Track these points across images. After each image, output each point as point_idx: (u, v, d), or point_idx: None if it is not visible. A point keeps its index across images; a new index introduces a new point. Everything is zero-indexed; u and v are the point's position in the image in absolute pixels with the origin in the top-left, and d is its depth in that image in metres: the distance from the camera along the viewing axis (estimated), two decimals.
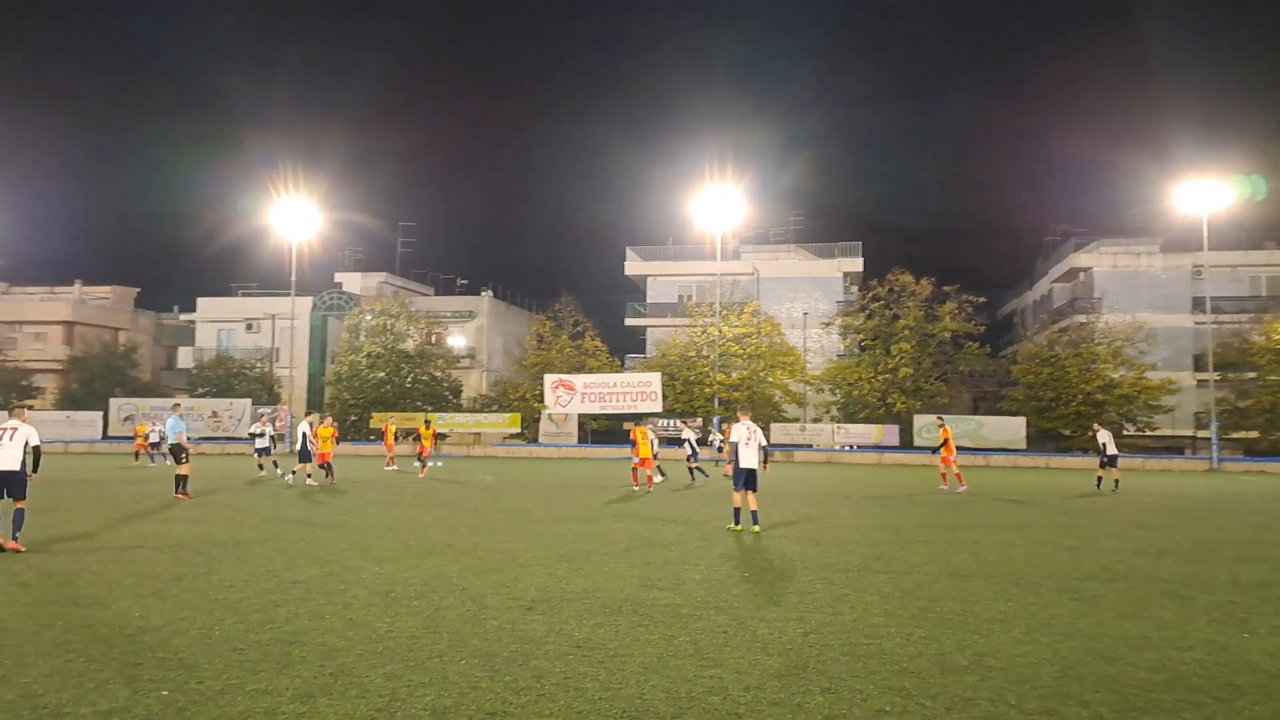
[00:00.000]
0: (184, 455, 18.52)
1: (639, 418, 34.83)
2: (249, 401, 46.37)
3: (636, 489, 22.01)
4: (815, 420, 47.88)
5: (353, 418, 47.67)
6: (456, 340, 57.09)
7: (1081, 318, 49.08)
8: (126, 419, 46.41)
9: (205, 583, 9.20)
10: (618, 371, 47.89)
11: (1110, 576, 10.22)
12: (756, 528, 13.55)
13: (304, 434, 22.05)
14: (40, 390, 54.53)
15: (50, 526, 13.71)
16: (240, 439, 44.38)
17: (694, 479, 24.56)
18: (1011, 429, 43.32)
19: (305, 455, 21.94)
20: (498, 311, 59.93)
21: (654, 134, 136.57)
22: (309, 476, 22.05)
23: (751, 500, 13.61)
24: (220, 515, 15.63)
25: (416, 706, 5.48)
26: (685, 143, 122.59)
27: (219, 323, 58.60)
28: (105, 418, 47.08)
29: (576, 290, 68.76)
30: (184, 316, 62.79)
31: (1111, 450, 24.05)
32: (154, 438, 33.31)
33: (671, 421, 42.71)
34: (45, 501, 17.60)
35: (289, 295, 49.69)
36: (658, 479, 23.99)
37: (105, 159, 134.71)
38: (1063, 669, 6.38)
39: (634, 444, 22.43)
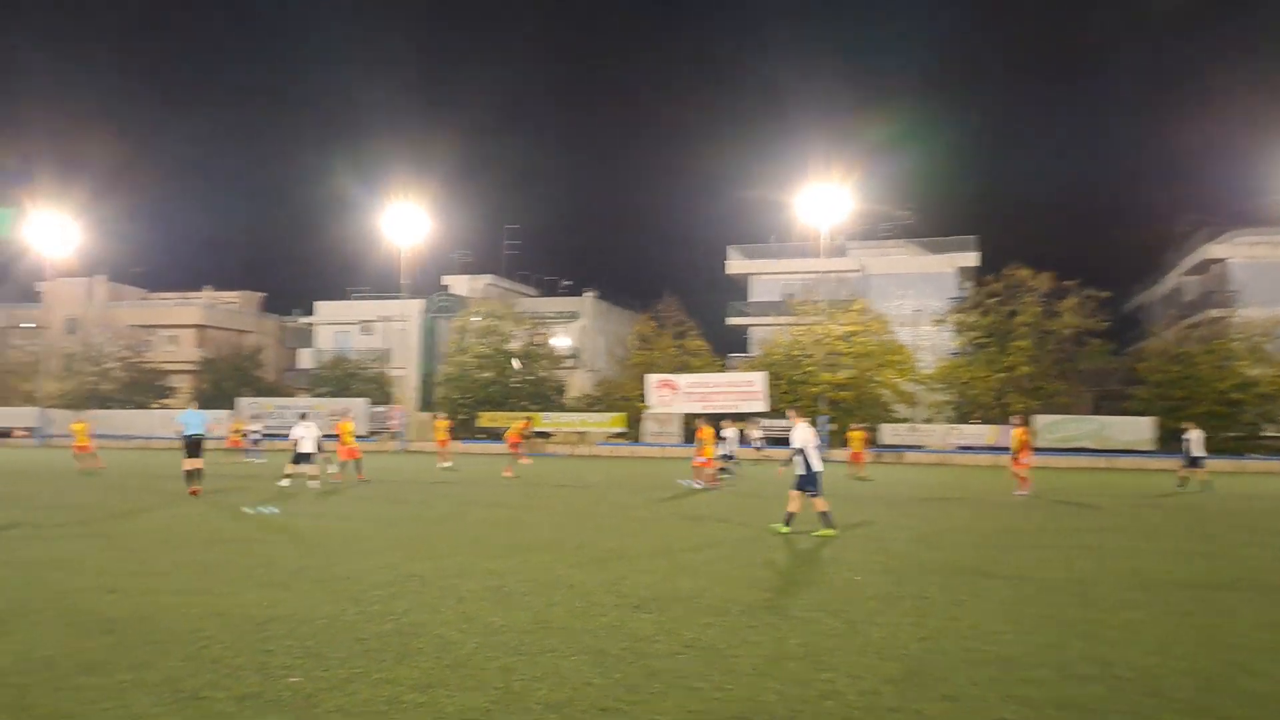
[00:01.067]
0: (199, 449, 18.32)
1: (743, 418, 34.73)
2: (365, 401, 47.84)
3: (712, 487, 21.83)
4: (927, 421, 46.73)
5: (461, 416, 48.75)
6: (560, 341, 57.80)
7: (1215, 312, 46.62)
8: (254, 418, 48.46)
9: (327, 574, 9.53)
10: (721, 371, 47.69)
11: (1250, 585, 9.67)
12: (833, 530, 13.05)
13: (300, 437, 21.06)
14: (175, 390, 57.44)
15: (184, 519, 14.43)
16: (358, 436, 45.77)
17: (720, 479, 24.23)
18: (1138, 430, 41.45)
19: (304, 457, 20.78)
20: (600, 312, 60.44)
21: (757, 130, 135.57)
22: (312, 479, 21.01)
23: (820, 502, 13.26)
24: (337, 510, 16.17)
25: (531, 700, 5.55)
26: (789, 138, 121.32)
27: (336, 325, 60.65)
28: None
29: (678, 290, 68.75)
30: (304, 319, 65.28)
31: (1196, 452, 23.97)
32: (254, 436, 35.05)
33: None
34: (180, 494, 18.48)
35: (400, 298, 51.13)
36: (723, 478, 23.98)
37: (233, 172, 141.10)
38: (1202, 682, 6.05)
39: (700, 444, 22.25)
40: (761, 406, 41.17)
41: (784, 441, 33.86)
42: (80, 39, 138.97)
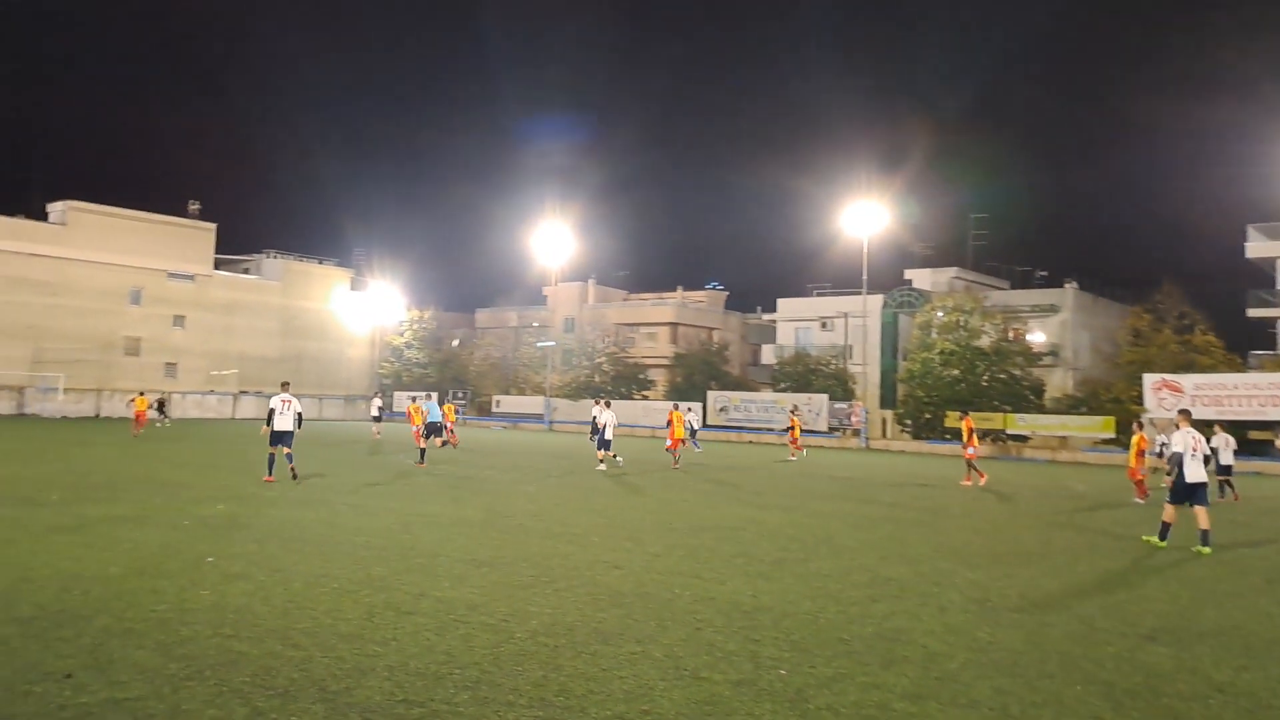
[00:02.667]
0: (441, 431, 23.45)
1: (1274, 425, 30.08)
2: (826, 397, 48.53)
3: (1139, 501, 19.16)
4: None
5: (926, 415, 47.44)
6: (1036, 336, 53.99)
7: None
8: (721, 409, 51.51)
9: (804, 569, 9.69)
10: (1239, 371, 41.26)
11: None
12: (1207, 549, 11.95)
13: (605, 423, 23.35)
14: (653, 383, 62.87)
15: (668, 504, 15.59)
16: (819, 432, 46.68)
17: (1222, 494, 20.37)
18: None
19: (604, 443, 23.17)
20: (1084, 304, 55.47)
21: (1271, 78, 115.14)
22: (616, 459, 23.33)
23: (1202, 518, 12.23)
24: (808, 506, 16.47)
25: None
26: None
27: (796, 321, 62.29)
28: (704, 408, 52.54)
29: (1181, 278, 60.80)
30: (766, 316, 67.94)
31: None
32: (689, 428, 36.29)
33: None
34: (679, 481, 20.04)
35: (860, 294, 51.11)
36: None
37: (700, 181, 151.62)
38: None
39: (1139, 452, 19.94)
40: None
41: None
42: (584, 86, 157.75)
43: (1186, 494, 12.29)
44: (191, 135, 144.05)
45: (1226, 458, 21.01)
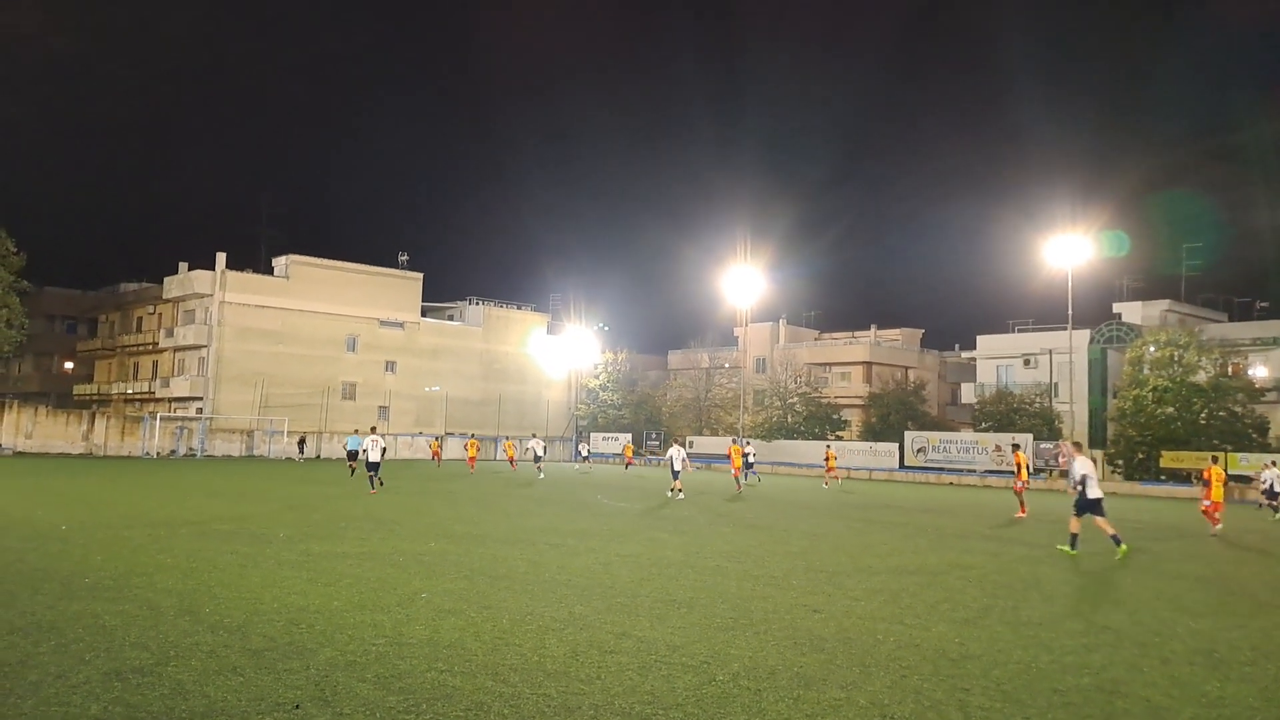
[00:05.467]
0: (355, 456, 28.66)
1: None
2: (1030, 436, 46.22)
3: (1214, 531, 20.17)
4: None
5: (1139, 455, 44.38)
6: (1259, 371, 49.74)
7: None
8: (919, 450, 49.94)
9: (1014, 617, 9.33)
10: None
11: None
12: (1124, 549, 14.56)
13: (672, 457, 27.08)
14: (847, 423, 61.72)
15: (870, 547, 15.31)
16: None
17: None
18: None
19: (674, 473, 26.77)
20: None
21: None
22: (679, 492, 26.30)
23: (1106, 526, 14.90)
24: (1021, 552, 15.78)
25: None
26: None
27: (997, 359, 59.80)
28: (900, 449, 51.09)
29: None
30: (965, 354, 65.57)
31: None
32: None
33: None
34: (879, 524, 19.66)
35: (1065, 329, 48.63)
36: None
37: (891, 221, 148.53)
38: None
39: (1206, 484, 20.92)
40: None
41: None
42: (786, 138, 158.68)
43: (1089, 507, 14.92)
44: (399, 191, 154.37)
45: None
